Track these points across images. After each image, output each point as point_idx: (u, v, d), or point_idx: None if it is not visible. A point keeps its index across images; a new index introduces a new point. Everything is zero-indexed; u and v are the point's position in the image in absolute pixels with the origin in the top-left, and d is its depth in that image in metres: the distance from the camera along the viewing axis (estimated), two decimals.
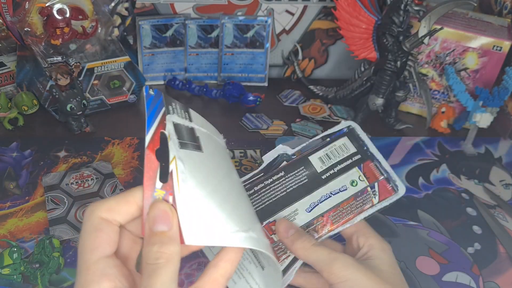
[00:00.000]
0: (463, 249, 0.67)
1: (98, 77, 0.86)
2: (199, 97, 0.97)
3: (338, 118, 0.93)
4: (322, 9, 0.98)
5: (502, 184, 0.80)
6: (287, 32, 1.01)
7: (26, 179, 0.73)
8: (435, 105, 0.93)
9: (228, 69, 1.01)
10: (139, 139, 0.83)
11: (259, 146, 0.84)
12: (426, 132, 0.91)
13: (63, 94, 0.79)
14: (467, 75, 0.88)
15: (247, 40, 0.98)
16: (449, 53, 0.87)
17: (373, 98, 0.85)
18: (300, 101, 0.98)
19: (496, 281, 0.63)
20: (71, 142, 0.81)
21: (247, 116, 0.92)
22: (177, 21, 0.96)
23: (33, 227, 0.66)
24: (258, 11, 0.98)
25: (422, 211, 0.73)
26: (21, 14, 0.78)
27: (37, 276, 0.58)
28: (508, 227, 0.71)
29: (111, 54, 0.87)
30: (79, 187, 0.72)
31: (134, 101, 0.92)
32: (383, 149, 0.85)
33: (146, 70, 0.99)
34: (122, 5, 0.86)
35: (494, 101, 0.82)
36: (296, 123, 0.91)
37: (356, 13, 0.83)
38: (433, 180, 0.79)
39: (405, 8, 0.78)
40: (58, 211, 0.67)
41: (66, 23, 0.79)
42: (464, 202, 0.76)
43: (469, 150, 0.86)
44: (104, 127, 0.86)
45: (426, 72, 0.91)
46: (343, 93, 0.92)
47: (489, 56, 0.85)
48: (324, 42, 1.02)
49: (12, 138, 0.81)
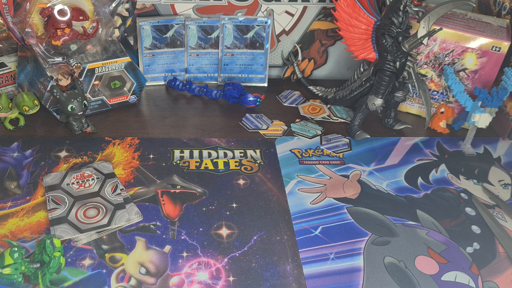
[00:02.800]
0: (462, 248, 0.68)
1: (98, 78, 0.86)
2: (199, 97, 0.98)
3: (337, 118, 0.94)
4: (321, 10, 0.99)
5: (501, 184, 0.80)
6: (286, 33, 1.01)
7: (27, 179, 0.73)
8: (434, 106, 0.94)
9: (228, 69, 1.01)
10: (140, 139, 0.83)
11: (259, 146, 0.84)
12: (425, 132, 0.91)
13: (64, 95, 0.79)
14: (466, 76, 0.89)
15: (247, 41, 0.99)
16: (448, 54, 0.88)
17: (372, 99, 0.86)
18: (299, 102, 0.98)
19: (495, 280, 0.64)
20: (72, 142, 0.82)
21: (247, 116, 0.92)
22: (177, 22, 0.96)
23: (34, 226, 0.66)
24: (258, 12, 0.98)
25: (421, 211, 0.73)
26: (22, 15, 0.79)
27: (38, 276, 0.58)
28: (507, 226, 0.72)
29: (112, 55, 0.87)
30: (80, 187, 0.72)
31: (135, 101, 0.92)
32: (382, 149, 0.86)
33: (146, 70, 0.99)
34: (122, 6, 0.86)
35: (493, 101, 0.83)
36: (296, 123, 0.91)
37: (356, 14, 0.83)
38: (432, 180, 0.80)
39: (404, 9, 0.79)
40: (59, 211, 0.68)
41: (66, 24, 0.79)
42: (463, 202, 0.76)
43: (468, 150, 0.87)
44: (105, 127, 0.86)
45: (425, 72, 0.91)
46: (343, 94, 0.93)
47: (488, 57, 0.85)
48: (324, 42, 1.03)
49: (13, 138, 0.81)
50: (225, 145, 0.84)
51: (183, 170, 0.77)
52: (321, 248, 0.66)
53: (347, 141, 0.87)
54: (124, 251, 0.64)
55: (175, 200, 0.72)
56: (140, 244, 0.65)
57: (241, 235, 0.67)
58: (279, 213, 0.71)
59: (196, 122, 0.90)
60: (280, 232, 0.68)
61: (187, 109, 0.94)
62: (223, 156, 0.81)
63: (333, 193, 0.76)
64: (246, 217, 0.70)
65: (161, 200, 0.72)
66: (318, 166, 0.81)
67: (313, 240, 0.67)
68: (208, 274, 0.62)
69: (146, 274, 0.61)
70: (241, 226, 0.69)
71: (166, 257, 0.63)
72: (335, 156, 0.83)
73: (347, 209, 0.72)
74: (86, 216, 0.67)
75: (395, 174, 0.80)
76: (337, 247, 0.67)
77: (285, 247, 0.66)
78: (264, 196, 0.74)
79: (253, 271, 0.62)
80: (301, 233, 0.68)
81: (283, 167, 0.80)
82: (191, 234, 0.67)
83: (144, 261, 0.62)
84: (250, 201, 0.73)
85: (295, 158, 0.82)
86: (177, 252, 0.64)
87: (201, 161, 0.80)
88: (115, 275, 0.60)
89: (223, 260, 0.64)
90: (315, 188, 0.76)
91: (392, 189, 0.77)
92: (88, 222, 0.66)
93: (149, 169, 0.77)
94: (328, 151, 0.84)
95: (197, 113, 0.93)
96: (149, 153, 0.80)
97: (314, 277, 0.62)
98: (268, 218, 0.70)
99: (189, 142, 0.84)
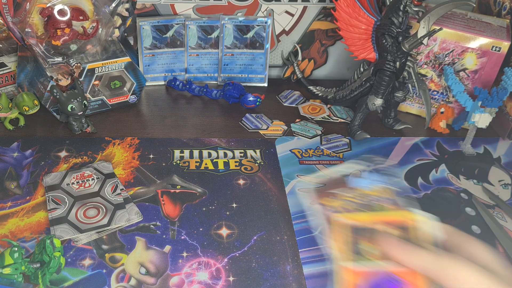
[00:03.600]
0: None
1: (98, 78, 0.86)
2: (199, 97, 0.98)
3: (337, 119, 0.94)
4: (321, 10, 0.99)
5: (501, 184, 0.80)
6: (286, 33, 1.01)
7: (27, 179, 0.73)
8: (434, 106, 0.94)
9: (228, 69, 1.01)
10: (140, 139, 0.84)
11: (259, 146, 0.84)
12: (425, 132, 0.91)
13: (64, 95, 0.79)
14: (466, 76, 0.89)
15: (247, 41, 0.99)
16: (448, 54, 0.88)
17: (372, 99, 0.86)
18: (299, 102, 0.98)
19: None
20: (72, 142, 0.82)
21: (247, 116, 0.92)
22: (177, 22, 0.96)
23: (34, 226, 0.66)
24: (258, 12, 0.98)
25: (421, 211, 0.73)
26: (22, 15, 0.79)
27: (38, 276, 0.58)
28: (507, 227, 0.72)
29: (112, 55, 0.87)
30: (80, 187, 0.72)
31: (135, 101, 0.92)
32: (382, 149, 0.86)
33: (146, 70, 0.99)
34: (122, 6, 0.86)
35: (493, 101, 0.83)
36: (296, 124, 0.91)
37: (356, 14, 0.83)
38: (432, 180, 0.80)
39: (404, 9, 0.79)
40: (59, 211, 0.68)
41: (66, 24, 0.79)
42: (463, 202, 0.76)
43: (468, 150, 0.87)
44: (105, 127, 0.86)
45: (425, 72, 0.91)
46: (343, 94, 0.93)
47: (488, 57, 0.85)
48: (324, 42, 1.03)
49: (13, 138, 0.81)
50: (225, 145, 0.84)
51: (183, 170, 0.77)
52: (321, 248, 0.66)
53: (347, 141, 0.87)
54: (124, 251, 0.64)
55: (175, 200, 0.72)
56: (140, 244, 0.65)
57: (241, 235, 0.67)
58: (279, 213, 0.71)
59: (196, 122, 0.90)
60: (280, 232, 0.68)
61: (187, 109, 0.94)
62: (223, 156, 0.81)
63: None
64: (246, 217, 0.70)
65: (161, 200, 0.72)
66: (318, 166, 0.81)
67: (313, 240, 0.67)
68: (208, 274, 0.62)
69: (146, 274, 0.61)
70: (241, 226, 0.69)
71: (166, 257, 0.63)
72: (335, 156, 0.83)
73: None
74: (86, 216, 0.67)
75: (395, 174, 0.80)
76: None
77: (285, 247, 0.66)
78: (264, 196, 0.74)
79: (253, 271, 0.62)
80: (301, 233, 0.68)
81: (283, 167, 0.80)
82: (191, 234, 0.67)
83: (144, 261, 0.62)
84: (250, 201, 0.73)
85: (295, 158, 0.82)
86: (177, 252, 0.64)
87: (201, 161, 0.80)
88: (115, 275, 0.60)
89: (223, 260, 0.64)
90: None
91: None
92: (88, 222, 0.66)
93: (149, 169, 0.77)
94: (328, 151, 0.84)
95: (197, 113, 0.93)
96: (149, 153, 0.80)
97: (314, 277, 0.62)
98: (268, 218, 0.70)
99: (189, 142, 0.84)
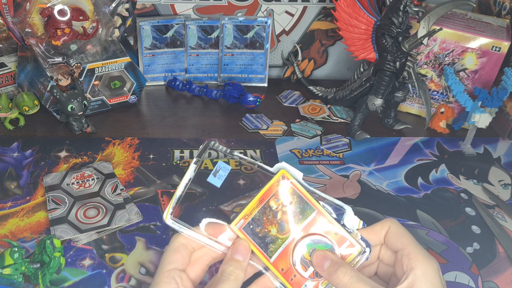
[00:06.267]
0: (462, 249, 0.68)
1: (98, 78, 0.86)
2: (199, 97, 0.98)
3: (337, 119, 0.94)
4: (321, 10, 0.99)
5: (501, 184, 0.80)
6: (286, 33, 1.01)
7: (27, 179, 0.73)
8: (434, 106, 0.94)
9: (228, 69, 1.01)
10: (140, 139, 0.83)
11: (259, 146, 0.84)
12: (425, 132, 0.91)
13: (64, 95, 0.79)
14: (466, 76, 0.89)
15: (247, 41, 0.99)
16: (448, 54, 0.88)
17: (372, 99, 0.86)
18: (299, 102, 0.98)
19: (495, 280, 0.64)
20: (72, 142, 0.82)
21: (247, 116, 0.92)
22: (177, 22, 0.96)
23: (34, 227, 0.66)
24: (258, 12, 0.98)
25: (421, 211, 0.73)
26: (22, 15, 0.79)
27: (38, 276, 0.58)
28: (507, 227, 0.72)
29: (112, 55, 0.87)
30: (80, 187, 0.72)
31: (135, 101, 0.92)
32: (382, 149, 0.86)
33: (146, 70, 0.99)
34: (122, 6, 0.86)
35: (493, 101, 0.83)
36: (296, 124, 0.91)
37: (356, 14, 0.83)
38: (432, 180, 0.80)
39: (404, 9, 0.79)
40: (59, 211, 0.68)
41: (66, 24, 0.79)
42: (463, 202, 0.76)
43: (468, 150, 0.87)
44: (105, 128, 0.86)
45: (425, 72, 0.91)
46: (343, 94, 0.93)
47: (488, 57, 0.85)
48: (324, 42, 1.03)
49: (13, 138, 0.81)
50: (225, 145, 0.84)
51: (183, 170, 0.77)
52: None
53: (347, 141, 0.87)
54: (124, 251, 0.64)
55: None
56: (140, 244, 0.65)
57: None
58: None
59: (196, 122, 0.90)
60: None
61: (187, 109, 0.94)
62: (223, 156, 0.81)
63: (333, 193, 0.75)
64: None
65: (161, 200, 0.72)
66: (318, 166, 0.81)
67: None
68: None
69: (146, 274, 0.61)
70: None
71: None
72: (335, 156, 0.83)
73: None
74: (86, 216, 0.67)
75: (395, 174, 0.80)
76: None
77: None
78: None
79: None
80: None
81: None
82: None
83: (144, 261, 0.62)
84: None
85: (295, 158, 0.82)
86: None
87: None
88: (115, 275, 0.60)
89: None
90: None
91: (392, 189, 0.77)
92: (88, 222, 0.66)
93: (149, 169, 0.77)
94: (328, 151, 0.84)
95: (197, 113, 0.93)
96: (149, 153, 0.80)
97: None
98: None
99: (189, 142, 0.84)
